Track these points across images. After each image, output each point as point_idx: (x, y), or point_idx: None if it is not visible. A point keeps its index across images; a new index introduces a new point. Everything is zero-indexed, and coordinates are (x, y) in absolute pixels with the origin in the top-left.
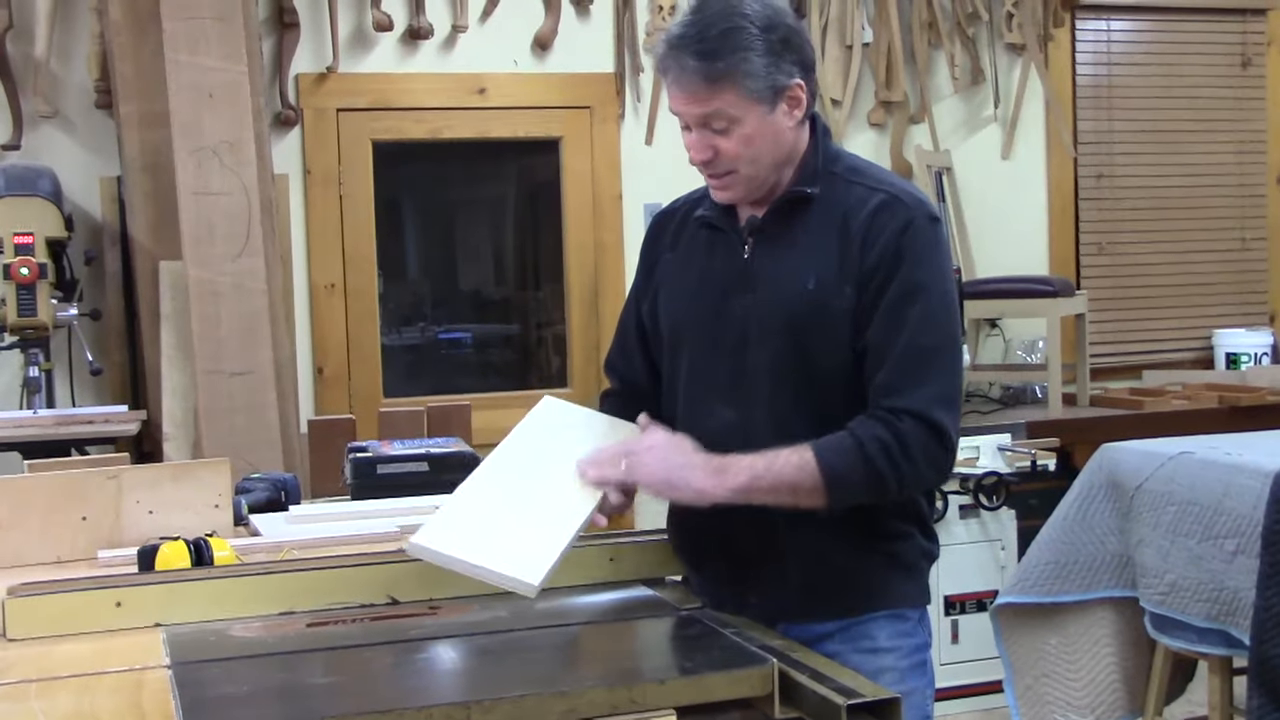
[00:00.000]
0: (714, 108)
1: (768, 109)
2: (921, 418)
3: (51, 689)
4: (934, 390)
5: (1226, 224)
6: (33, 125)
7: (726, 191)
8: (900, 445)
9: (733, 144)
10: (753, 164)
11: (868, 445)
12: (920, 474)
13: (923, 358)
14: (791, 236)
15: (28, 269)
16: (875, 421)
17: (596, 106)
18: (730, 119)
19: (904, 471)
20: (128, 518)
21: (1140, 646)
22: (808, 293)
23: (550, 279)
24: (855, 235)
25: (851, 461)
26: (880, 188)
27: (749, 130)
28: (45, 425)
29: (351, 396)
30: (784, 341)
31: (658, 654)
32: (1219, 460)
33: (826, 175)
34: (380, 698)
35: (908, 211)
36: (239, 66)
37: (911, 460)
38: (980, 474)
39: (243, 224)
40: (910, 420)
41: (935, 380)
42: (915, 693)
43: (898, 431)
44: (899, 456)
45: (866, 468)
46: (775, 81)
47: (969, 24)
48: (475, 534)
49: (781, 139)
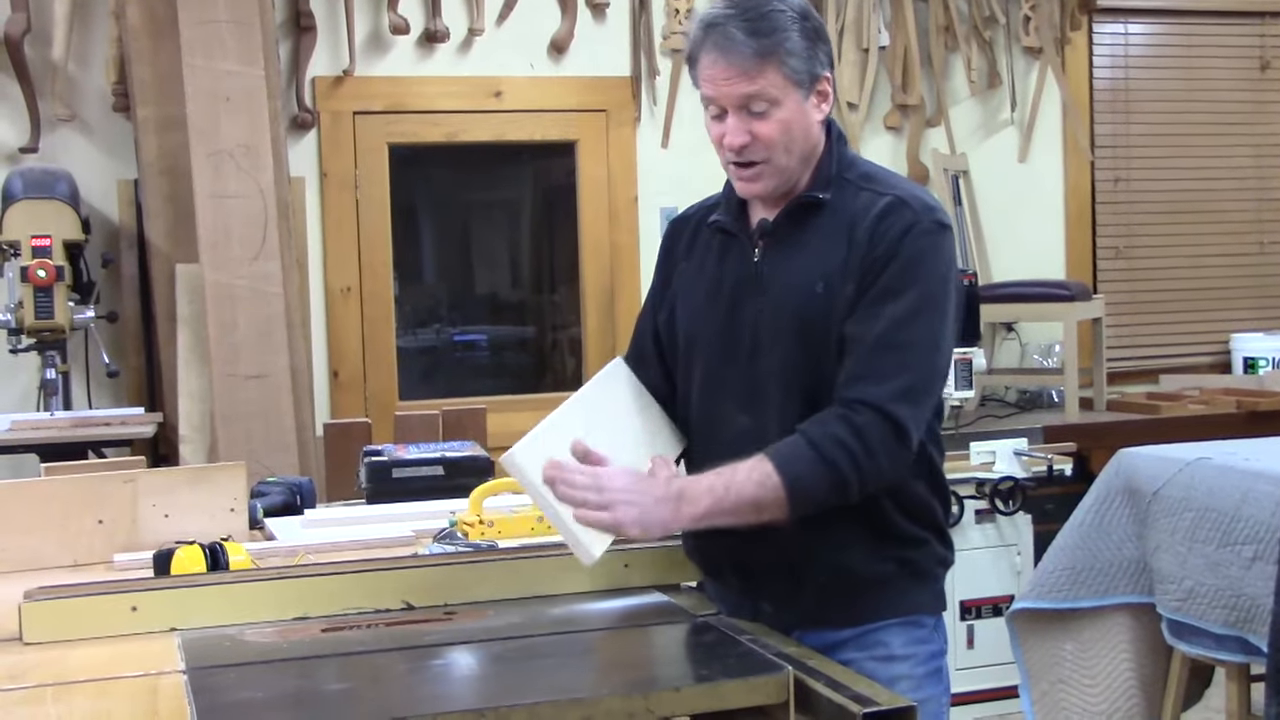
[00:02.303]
0: (759, 86)
1: (804, 95)
2: (879, 410)
3: (68, 693)
4: (898, 385)
5: (1244, 228)
6: (50, 128)
7: (755, 183)
8: (861, 442)
9: (771, 128)
10: (787, 153)
11: (826, 448)
12: (881, 471)
13: (893, 352)
14: (801, 240)
15: (45, 271)
16: (831, 419)
17: (612, 110)
18: (771, 100)
19: (865, 470)
20: (144, 521)
21: (1157, 653)
22: (817, 296)
23: (566, 282)
24: (861, 237)
25: (813, 469)
26: (889, 192)
27: (786, 115)
28: (62, 427)
29: (367, 400)
30: (795, 345)
31: (673, 661)
32: (1237, 466)
33: (840, 181)
34: (395, 705)
35: (913, 215)
36: (256, 70)
37: (873, 456)
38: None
39: (259, 227)
40: (868, 413)
41: (901, 375)
42: (931, 700)
43: (855, 427)
44: (860, 455)
45: (829, 473)
46: (813, 68)
47: (986, 27)
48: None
49: (811, 132)
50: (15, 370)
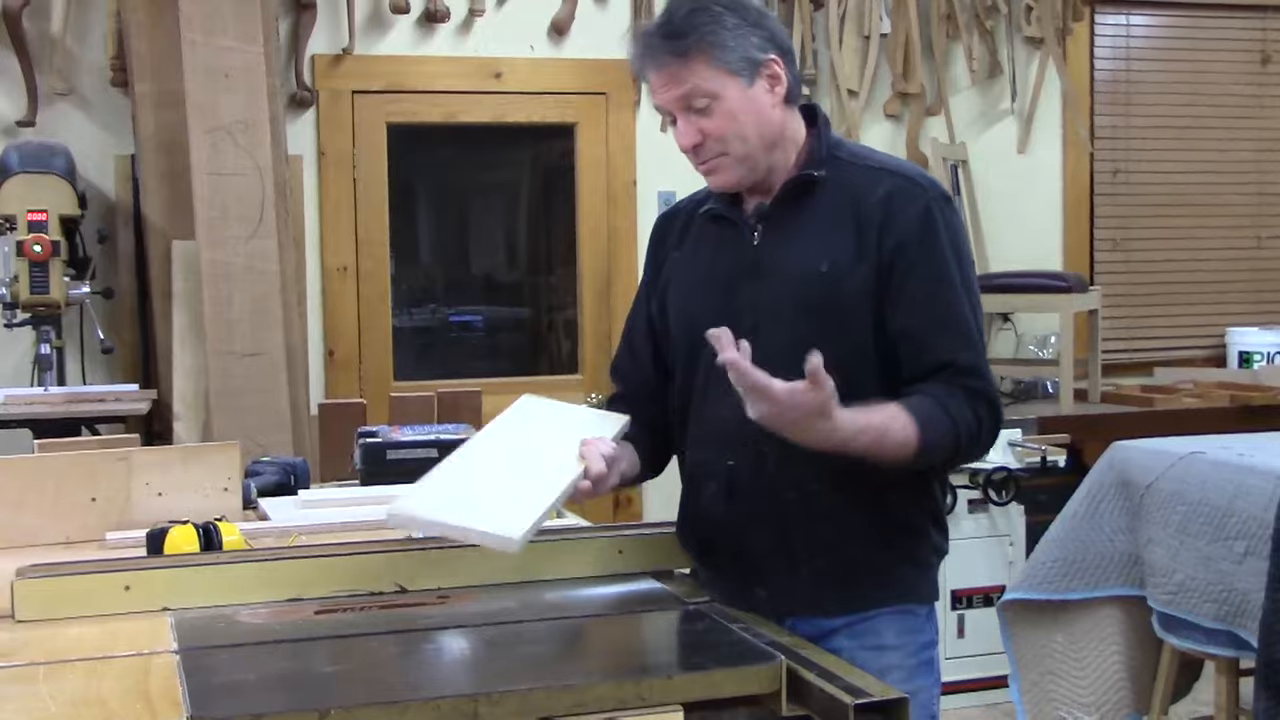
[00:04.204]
0: (690, 84)
1: (746, 82)
2: (993, 403)
3: (59, 672)
4: (984, 367)
5: (1242, 222)
6: (48, 102)
7: (720, 175)
8: (983, 433)
9: (717, 122)
10: (742, 142)
11: (961, 431)
12: (977, 457)
13: (972, 336)
14: (801, 221)
15: (41, 246)
16: (961, 403)
17: (612, 93)
18: (709, 94)
19: (969, 456)
20: (137, 499)
21: (1146, 645)
22: (821, 275)
23: (563, 264)
24: (872, 218)
25: (941, 443)
26: (889, 169)
27: (730, 105)
28: (56, 403)
29: (362, 379)
30: (797, 326)
31: (665, 649)
32: (1230, 461)
33: (831, 160)
34: (387, 688)
35: (924, 194)
36: (255, 47)
37: (983, 448)
38: (990, 469)
39: (256, 205)
40: (985, 405)
41: (980, 357)
42: (922, 691)
43: (981, 419)
44: (979, 446)
45: (952, 452)
46: (748, 54)
47: (987, 17)
48: (456, 498)
49: (767, 116)
50: (10, 345)
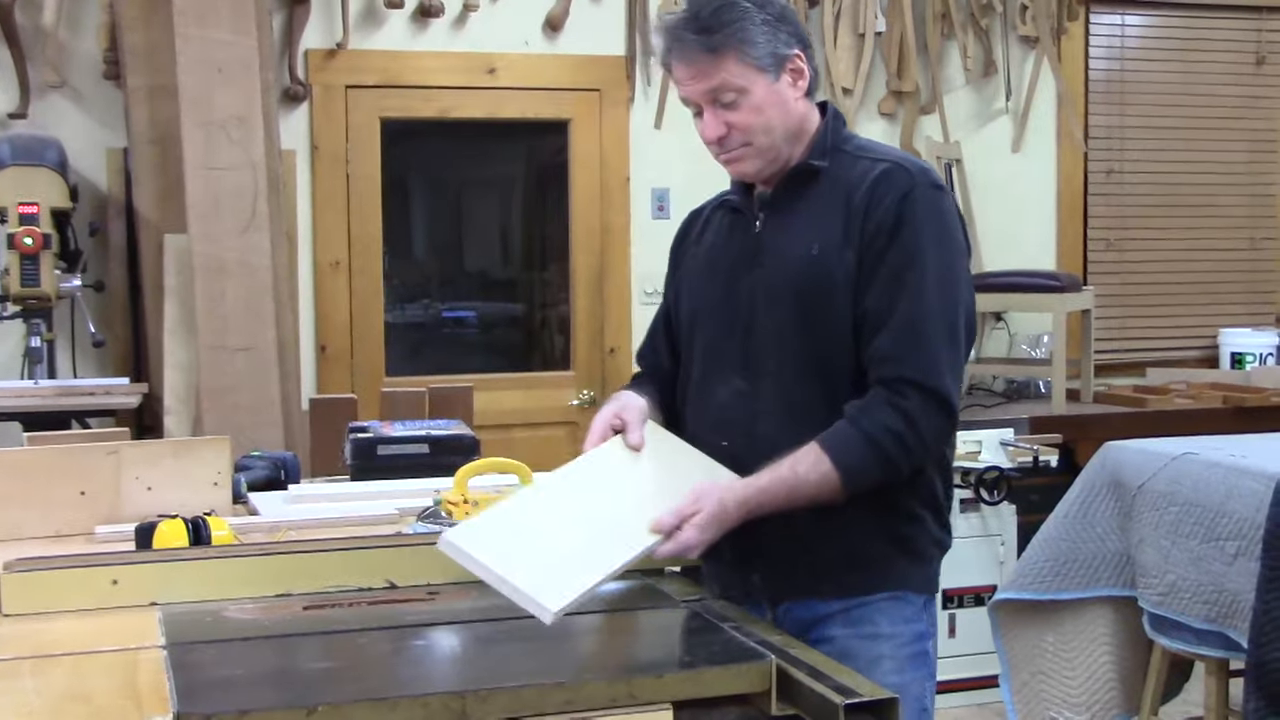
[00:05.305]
0: (719, 79)
1: (773, 77)
2: (922, 387)
3: (45, 667)
4: (933, 356)
5: (1236, 223)
6: (40, 95)
7: (742, 164)
8: (911, 429)
9: (744, 115)
10: (767, 133)
11: (882, 440)
12: (928, 449)
13: (922, 323)
14: (798, 208)
15: (32, 239)
16: (880, 405)
17: (606, 89)
18: (737, 89)
19: (915, 452)
20: (126, 493)
21: (1137, 646)
22: (811, 259)
23: (556, 260)
24: (858, 203)
25: (865, 458)
26: (886, 158)
27: (757, 100)
28: (46, 396)
29: (354, 375)
30: (790, 310)
31: (656, 647)
32: (1222, 462)
33: (836, 152)
34: (376, 684)
35: (909, 179)
36: (249, 41)
37: (922, 439)
38: (982, 468)
39: (249, 200)
40: (913, 392)
41: (934, 346)
42: (914, 683)
43: (905, 411)
44: (913, 442)
45: (882, 461)
46: (776, 50)
47: (982, 15)
48: (509, 542)
49: (790, 109)
50: (0, 337)
